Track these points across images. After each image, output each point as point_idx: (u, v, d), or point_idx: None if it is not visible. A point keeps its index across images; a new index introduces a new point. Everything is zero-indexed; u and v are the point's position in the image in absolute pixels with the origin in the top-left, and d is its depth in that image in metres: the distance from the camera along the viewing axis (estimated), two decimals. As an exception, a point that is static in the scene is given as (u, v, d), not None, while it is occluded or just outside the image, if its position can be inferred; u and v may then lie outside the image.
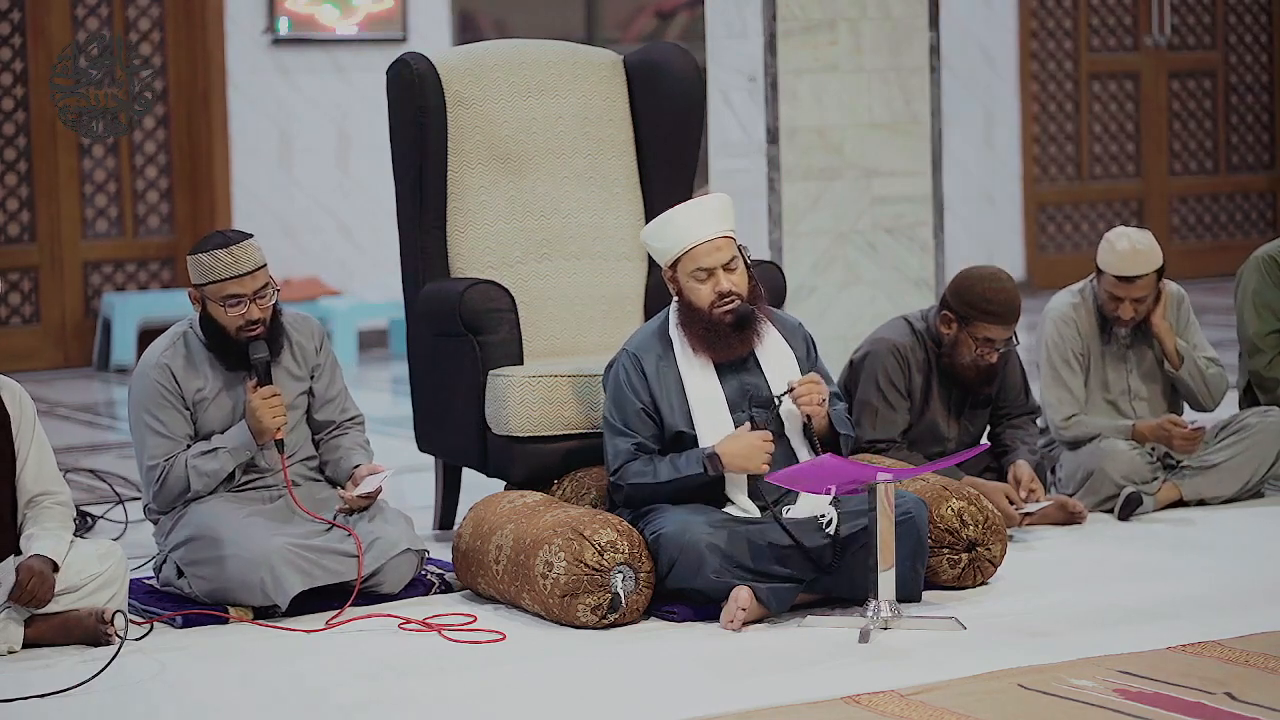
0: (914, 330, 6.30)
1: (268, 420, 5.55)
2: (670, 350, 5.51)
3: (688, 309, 5.47)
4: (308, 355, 5.74)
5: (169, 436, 5.56)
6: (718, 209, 5.48)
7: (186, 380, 5.58)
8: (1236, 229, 13.75)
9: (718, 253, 5.43)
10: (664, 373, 5.49)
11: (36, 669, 4.94)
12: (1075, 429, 6.57)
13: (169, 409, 5.56)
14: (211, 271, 5.50)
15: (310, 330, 5.77)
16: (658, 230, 5.52)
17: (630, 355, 5.53)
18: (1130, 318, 6.55)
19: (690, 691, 4.68)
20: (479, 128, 6.43)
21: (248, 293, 5.52)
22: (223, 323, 5.54)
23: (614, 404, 5.52)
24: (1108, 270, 6.53)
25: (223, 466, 5.56)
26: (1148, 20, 13.40)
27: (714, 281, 5.42)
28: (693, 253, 5.44)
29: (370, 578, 5.51)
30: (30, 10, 10.72)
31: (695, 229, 5.44)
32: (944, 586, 5.58)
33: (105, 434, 9.00)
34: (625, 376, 5.50)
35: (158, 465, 5.55)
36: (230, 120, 11.06)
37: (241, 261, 5.50)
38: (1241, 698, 4.48)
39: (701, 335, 5.45)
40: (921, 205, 7.57)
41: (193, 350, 5.61)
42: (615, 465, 5.48)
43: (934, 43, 7.59)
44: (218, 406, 5.61)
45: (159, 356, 5.60)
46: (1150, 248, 6.52)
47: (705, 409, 5.44)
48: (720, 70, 7.47)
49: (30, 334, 10.82)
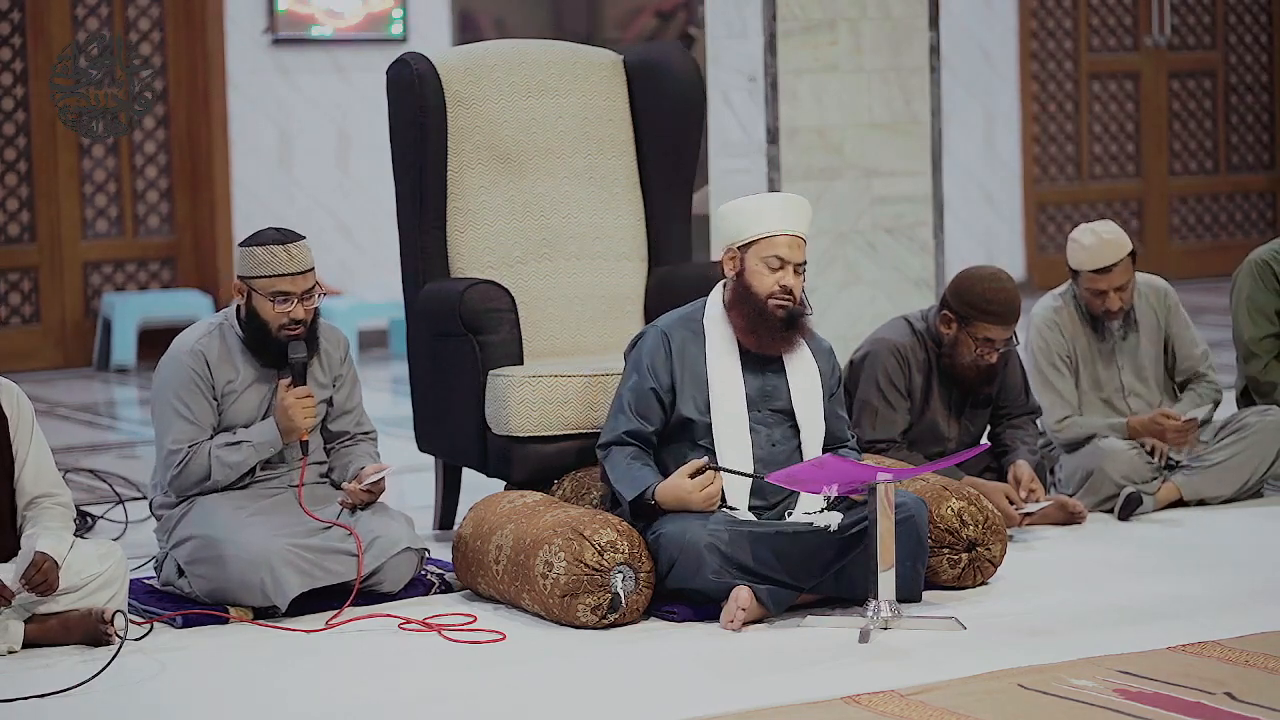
0: (914, 330, 6.30)
1: (300, 420, 5.56)
2: (700, 337, 5.53)
3: (744, 292, 5.48)
4: (333, 364, 5.76)
5: (194, 422, 5.56)
6: (805, 211, 5.53)
7: (219, 370, 5.59)
8: (1236, 229, 13.75)
9: (797, 250, 5.47)
10: (690, 356, 5.51)
11: (36, 669, 4.94)
12: (1069, 431, 6.57)
13: (198, 395, 5.56)
14: (265, 266, 5.52)
15: (337, 340, 5.79)
16: (743, 207, 5.53)
17: (660, 332, 5.55)
18: (1119, 307, 6.55)
19: (690, 691, 4.68)
20: (479, 128, 6.43)
21: (297, 292, 5.53)
22: (266, 318, 5.55)
23: (629, 378, 5.54)
24: (1082, 269, 6.54)
25: (246, 460, 5.57)
26: (1148, 20, 13.40)
27: (782, 275, 5.44)
28: (775, 240, 5.46)
29: (370, 577, 5.51)
30: (30, 10, 10.72)
31: (787, 220, 5.47)
32: (944, 586, 5.58)
33: (105, 434, 9.00)
34: (650, 353, 5.52)
35: (181, 450, 5.54)
36: (230, 120, 11.06)
37: (297, 260, 5.52)
38: (1241, 698, 4.48)
39: (749, 319, 5.46)
40: (921, 205, 7.57)
41: (228, 342, 5.62)
42: (603, 440, 5.54)
43: (934, 43, 7.59)
44: (245, 401, 5.62)
45: (195, 343, 5.60)
46: (1116, 234, 6.53)
47: (724, 399, 5.46)
48: (720, 70, 7.46)
49: (30, 334, 10.82)
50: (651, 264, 6.61)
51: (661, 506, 5.37)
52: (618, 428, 5.51)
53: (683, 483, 5.34)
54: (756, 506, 5.43)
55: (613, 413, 5.56)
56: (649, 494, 5.37)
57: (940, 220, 7.61)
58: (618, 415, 5.53)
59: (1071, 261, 6.58)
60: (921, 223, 7.57)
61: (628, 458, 5.47)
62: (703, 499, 5.32)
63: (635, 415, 5.49)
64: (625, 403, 5.52)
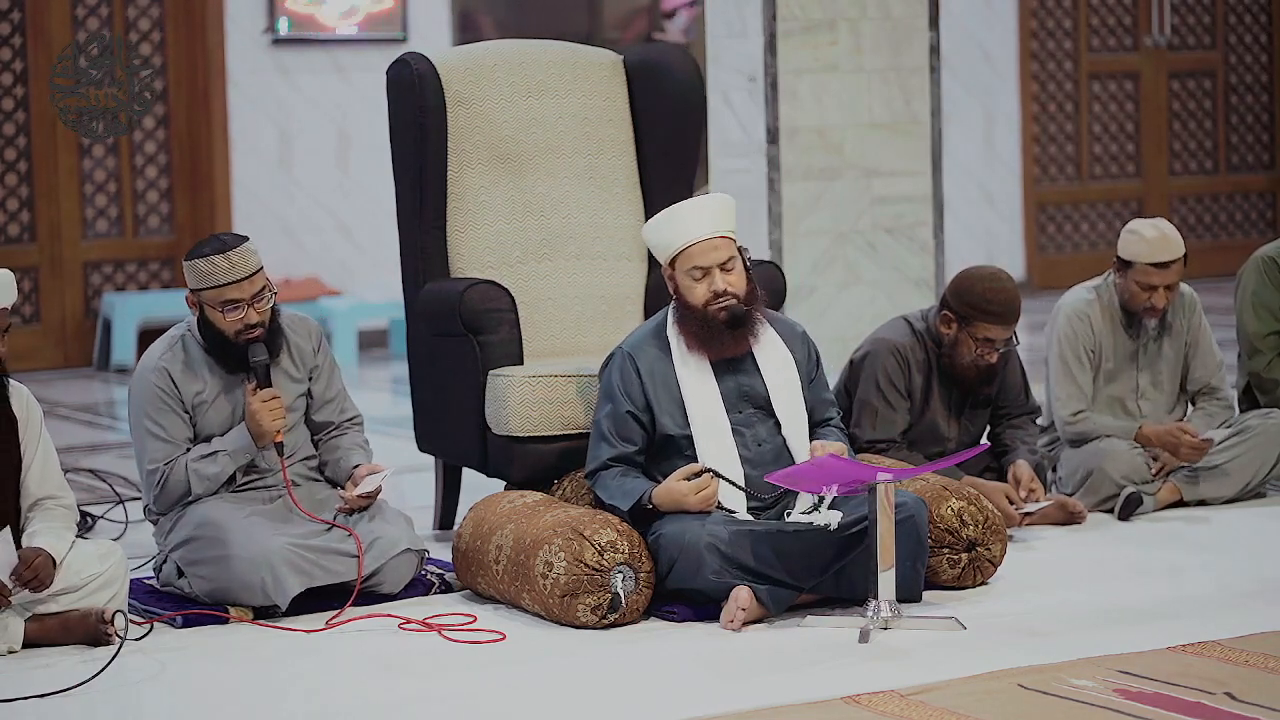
0: (914, 330, 6.29)
1: (267, 423, 5.54)
2: (667, 350, 5.51)
3: (683, 307, 5.48)
4: (306, 356, 5.74)
5: (168, 440, 5.56)
6: (717, 208, 5.48)
7: (185, 383, 5.58)
8: (1236, 229, 13.75)
9: (715, 252, 5.43)
10: (660, 372, 5.49)
11: (36, 669, 4.94)
12: (1082, 425, 6.56)
13: (168, 413, 5.56)
14: (208, 277, 5.49)
15: (308, 331, 5.77)
16: (657, 226, 5.52)
17: (625, 354, 5.53)
18: (1164, 305, 6.54)
19: (690, 691, 4.68)
20: (479, 128, 6.43)
21: (245, 297, 5.51)
22: (220, 327, 5.53)
23: (603, 405, 5.52)
24: (1140, 260, 6.51)
25: (223, 469, 5.56)
26: (1148, 20, 13.40)
27: (709, 280, 5.42)
28: (689, 251, 5.44)
29: (370, 578, 5.51)
30: (30, 10, 10.72)
31: (693, 227, 5.44)
32: (944, 586, 5.58)
33: (105, 434, 9.00)
34: (619, 377, 5.50)
35: (158, 469, 5.54)
36: (230, 120, 11.06)
37: (239, 266, 5.49)
38: (1241, 698, 4.48)
39: (696, 332, 5.45)
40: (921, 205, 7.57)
41: (191, 353, 5.60)
42: (589, 469, 5.54)
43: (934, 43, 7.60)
44: (217, 409, 5.61)
45: (157, 360, 5.59)
46: (1175, 233, 6.56)
47: (701, 408, 5.45)
48: (720, 70, 7.47)
49: (30, 334, 10.82)
50: (651, 264, 6.61)
51: (659, 510, 5.37)
52: (601, 455, 5.49)
53: (679, 486, 5.34)
54: (755, 507, 5.42)
55: (594, 442, 5.53)
56: (645, 499, 5.36)
57: (940, 220, 7.61)
58: (599, 444, 5.51)
59: (1126, 252, 6.55)
60: (921, 223, 7.57)
61: (617, 476, 5.45)
62: (698, 501, 5.32)
63: (618, 440, 5.47)
64: (604, 430, 5.50)
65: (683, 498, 5.32)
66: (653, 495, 5.36)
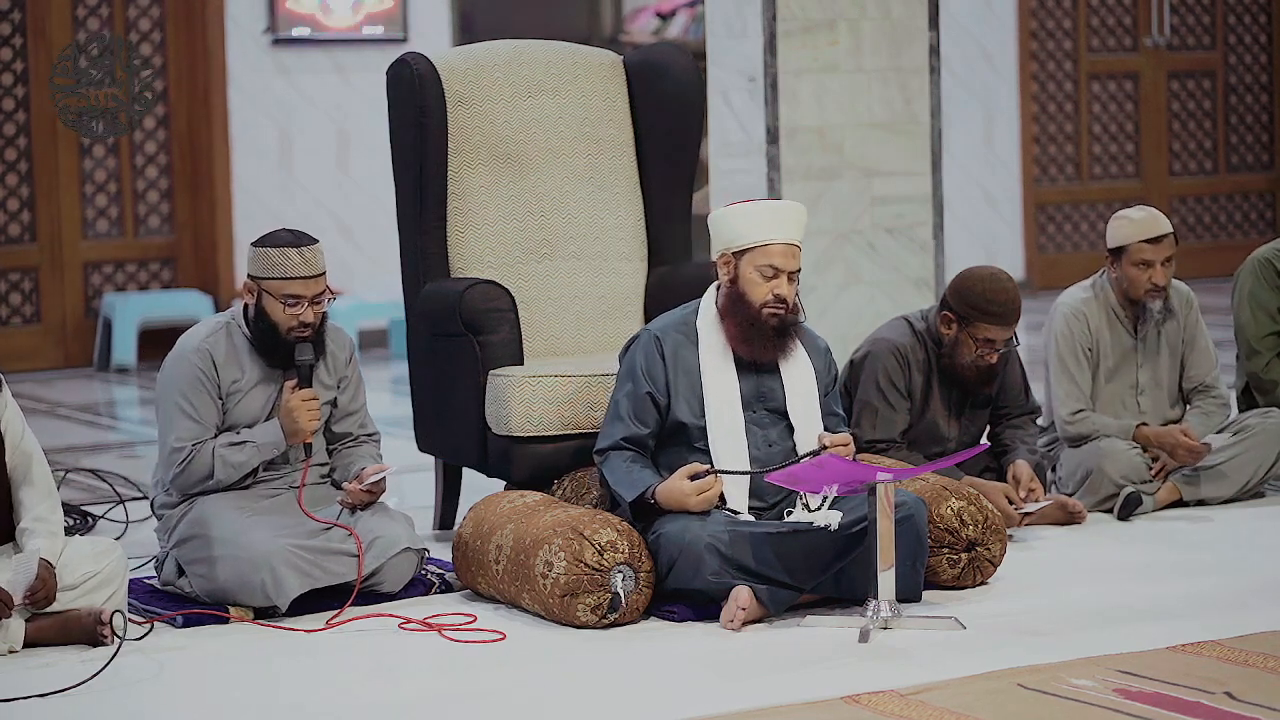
0: (914, 330, 6.30)
1: (304, 422, 5.56)
2: (693, 340, 5.52)
3: (737, 300, 5.47)
4: (338, 366, 5.76)
5: (199, 421, 5.56)
6: (800, 218, 5.51)
7: (225, 369, 5.58)
8: (1236, 229, 13.75)
9: (792, 259, 5.45)
10: (683, 360, 5.50)
11: (36, 669, 4.94)
12: (1081, 425, 6.56)
13: (203, 394, 5.56)
14: (278, 268, 5.52)
15: (343, 342, 5.80)
16: (739, 214, 5.50)
17: (653, 335, 5.54)
18: (1164, 282, 6.54)
19: (690, 691, 4.68)
20: (479, 127, 6.43)
21: (308, 295, 5.54)
22: (276, 319, 5.55)
23: (623, 385, 5.53)
24: (1132, 239, 6.52)
25: (249, 460, 5.57)
26: (1147, 20, 13.40)
27: (776, 283, 5.44)
28: (769, 248, 5.44)
29: (370, 577, 5.51)
30: (30, 10, 10.72)
31: (781, 228, 5.45)
32: (944, 586, 5.58)
33: (105, 434, 9.00)
34: (643, 358, 5.51)
35: (185, 448, 5.54)
36: (230, 120, 11.07)
37: (310, 263, 5.54)
38: (1241, 698, 4.48)
39: (741, 328, 5.46)
40: (921, 205, 7.56)
41: (235, 341, 5.61)
42: (600, 445, 5.54)
43: (934, 43, 7.59)
44: (250, 401, 5.62)
45: (200, 341, 5.59)
46: (1160, 213, 6.57)
47: (719, 401, 5.45)
48: (720, 70, 7.46)
49: (30, 334, 10.82)
50: (651, 264, 6.62)
51: (662, 506, 5.37)
52: (614, 434, 5.50)
53: (681, 485, 5.34)
54: (755, 507, 5.43)
55: (609, 419, 5.55)
56: (649, 494, 5.37)
57: (940, 220, 7.61)
58: (614, 421, 5.52)
59: (1116, 239, 6.55)
60: (921, 223, 7.56)
61: (626, 461, 5.46)
62: (700, 502, 5.32)
63: (633, 420, 5.48)
64: (622, 409, 5.51)
65: (685, 498, 5.32)
66: (656, 492, 5.36)
